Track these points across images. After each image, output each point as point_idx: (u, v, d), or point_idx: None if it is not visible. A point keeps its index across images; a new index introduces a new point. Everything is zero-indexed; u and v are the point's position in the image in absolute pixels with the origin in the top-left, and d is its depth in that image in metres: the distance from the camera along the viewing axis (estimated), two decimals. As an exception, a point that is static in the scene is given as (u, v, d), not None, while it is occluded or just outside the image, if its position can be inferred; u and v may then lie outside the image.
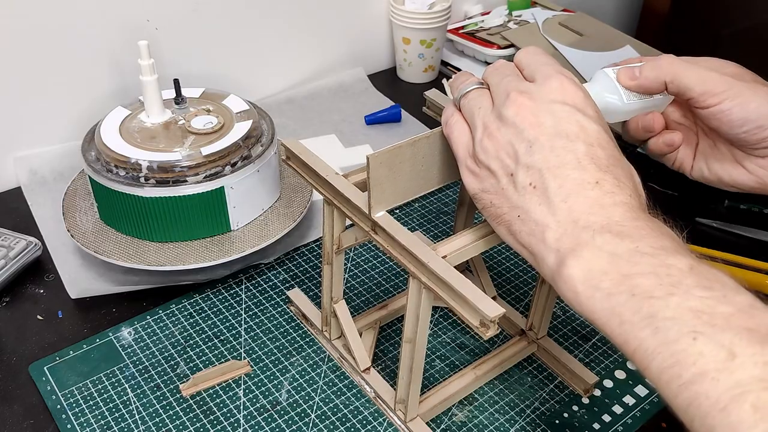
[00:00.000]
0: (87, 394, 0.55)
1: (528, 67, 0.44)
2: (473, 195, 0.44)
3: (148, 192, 0.60)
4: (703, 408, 0.31)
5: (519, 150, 0.40)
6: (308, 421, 0.53)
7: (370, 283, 0.67)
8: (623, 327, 0.35)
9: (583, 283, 0.37)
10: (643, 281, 0.35)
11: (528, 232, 0.40)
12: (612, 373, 0.58)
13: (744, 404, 0.30)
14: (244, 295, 0.64)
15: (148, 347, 0.59)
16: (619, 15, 1.35)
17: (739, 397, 0.30)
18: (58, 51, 0.75)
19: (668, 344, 0.33)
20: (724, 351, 0.31)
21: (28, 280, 0.65)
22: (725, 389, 0.30)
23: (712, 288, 0.34)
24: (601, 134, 0.41)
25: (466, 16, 1.10)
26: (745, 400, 0.30)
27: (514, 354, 0.58)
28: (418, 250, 0.43)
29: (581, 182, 0.39)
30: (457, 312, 0.42)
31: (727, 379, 0.30)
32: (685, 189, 0.78)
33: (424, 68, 0.99)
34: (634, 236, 0.37)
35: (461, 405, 0.55)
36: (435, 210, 0.76)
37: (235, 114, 0.67)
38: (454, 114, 0.45)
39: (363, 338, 0.58)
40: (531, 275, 0.68)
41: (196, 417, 0.53)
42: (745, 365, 0.30)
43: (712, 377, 0.31)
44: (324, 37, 0.96)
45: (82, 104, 0.79)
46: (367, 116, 0.89)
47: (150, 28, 0.80)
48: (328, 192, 0.50)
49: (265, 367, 0.58)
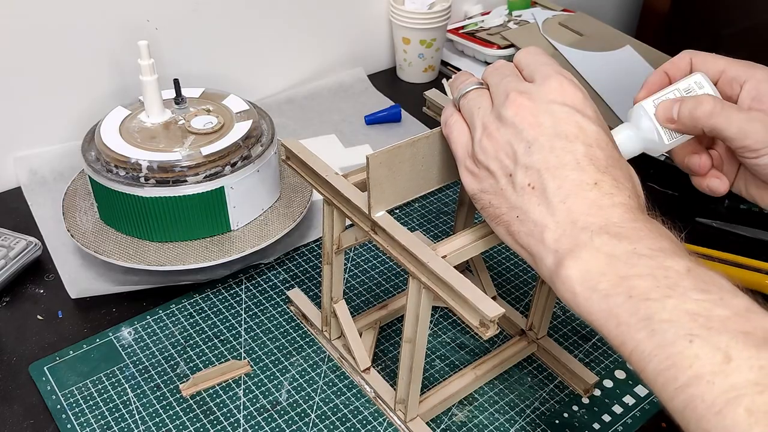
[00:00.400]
0: (87, 394, 0.55)
1: (527, 68, 0.44)
2: (472, 195, 0.44)
3: (148, 192, 0.60)
4: (698, 411, 0.31)
5: (518, 150, 0.40)
6: (308, 421, 0.53)
7: (370, 283, 0.67)
8: (620, 329, 0.35)
9: (581, 284, 0.37)
10: (640, 283, 0.35)
11: (527, 232, 0.40)
12: (612, 373, 0.58)
13: (738, 408, 0.30)
14: (244, 295, 0.64)
15: (148, 347, 0.59)
16: (619, 15, 1.35)
17: (734, 401, 0.30)
18: (58, 51, 0.75)
19: (664, 347, 0.33)
20: (719, 354, 0.31)
21: (28, 280, 0.65)
22: (720, 392, 0.30)
23: (709, 291, 0.34)
24: (600, 135, 0.41)
25: (466, 16, 1.10)
26: (740, 404, 0.30)
27: (514, 354, 0.58)
28: (417, 250, 0.43)
29: (580, 183, 0.39)
30: (456, 312, 0.42)
31: (723, 383, 0.31)
32: (685, 189, 0.78)
33: (424, 68, 0.99)
34: (632, 238, 0.37)
35: (461, 405, 0.55)
36: (435, 210, 0.76)
37: (235, 114, 0.68)
38: (453, 114, 0.45)
39: (363, 338, 0.58)
40: (531, 275, 0.68)
41: (196, 417, 0.53)
42: (741, 369, 0.31)
43: (708, 380, 0.31)
44: (324, 37, 0.96)
45: (82, 104, 0.79)
46: (367, 116, 0.89)
47: (150, 28, 0.80)
48: (328, 192, 0.50)
49: (265, 367, 0.58)
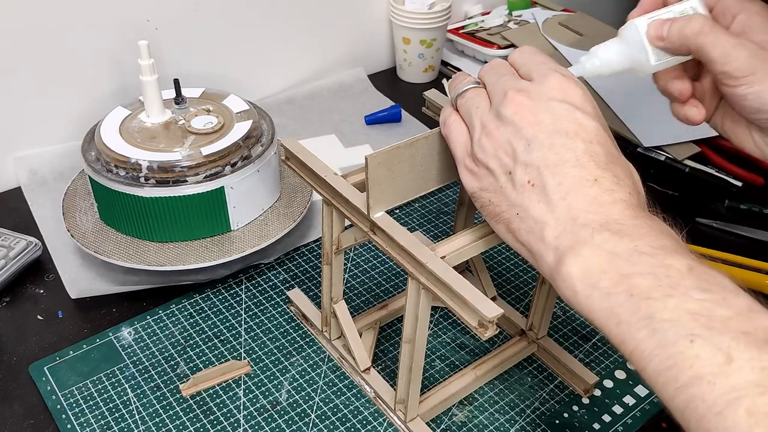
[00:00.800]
0: (87, 394, 0.55)
1: (524, 66, 0.44)
2: (472, 194, 0.44)
3: (148, 192, 0.60)
4: (699, 411, 0.31)
5: (517, 148, 0.40)
6: (308, 421, 0.53)
7: (370, 283, 0.67)
8: (620, 327, 0.35)
9: (582, 282, 0.37)
10: (641, 281, 0.35)
11: (527, 229, 0.40)
12: (612, 373, 0.58)
13: (739, 409, 0.30)
14: (244, 295, 0.64)
15: (148, 347, 0.59)
16: (619, 15, 1.34)
17: (734, 402, 0.30)
18: (58, 51, 0.75)
19: (665, 346, 0.33)
20: (721, 354, 0.31)
21: (28, 280, 0.65)
22: (721, 393, 0.30)
23: (710, 290, 0.34)
24: (599, 132, 0.41)
25: (466, 16, 1.10)
26: (741, 405, 0.30)
27: (514, 354, 0.58)
28: (416, 251, 0.43)
29: (580, 180, 0.39)
30: (455, 313, 0.42)
31: (724, 383, 0.30)
32: (685, 189, 0.78)
33: (424, 68, 0.99)
34: (633, 235, 0.37)
35: (461, 405, 0.55)
36: (435, 210, 0.76)
37: (235, 114, 0.68)
38: (451, 114, 0.45)
39: (363, 338, 0.58)
40: (531, 275, 0.68)
41: (196, 417, 0.53)
42: (742, 369, 0.30)
43: (709, 381, 0.31)
44: (324, 37, 0.96)
45: (82, 104, 0.79)
46: (367, 116, 0.89)
47: (150, 28, 0.80)
48: (327, 192, 0.50)
49: (265, 367, 0.58)
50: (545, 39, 0.98)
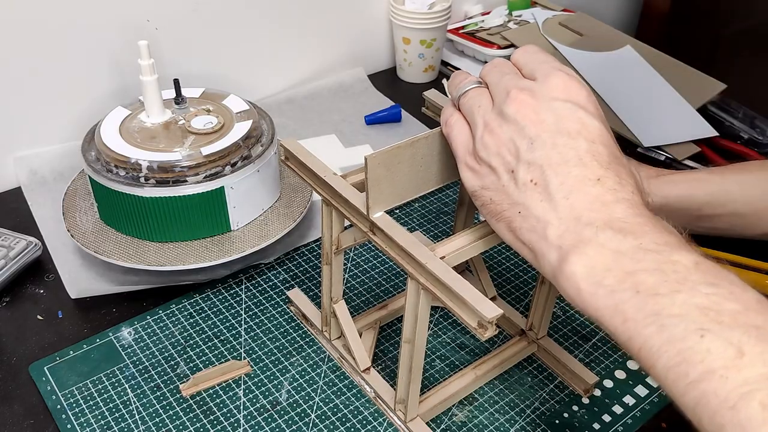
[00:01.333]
0: (87, 394, 0.55)
1: (527, 66, 0.44)
2: (472, 192, 0.44)
3: (148, 192, 0.60)
4: (711, 406, 0.31)
5: (520, 147, 0.40)
6: (308, 421, 0.53)
7: (370, 283, 0.66)
8: (627, 325, 0.35)
9: (586, 280, 0.36)
10: (647, 278, 0.35)
11: (529, 228, 0.40)
12: (612, 373, 0.58)
13: (753, 402, 0.30)
14: (244, 295, 0.64)
15: (148, 347, 0.59)
16: (619, 15, 1.34)
17: (747, 395, 0.30)
18: (58, 51, 0.75)
19: (674, 342, 0.33)
20: (732, 348, 0.31)
21: (28, 280, 0.65)
22: (734, 387, 0.30)
23: (718, 285, 0.34)
24: (602, 131, 0.41)
25: (466, 16, 1.10)
26: (754, 398, 0.30)
27: (514, 354, 0.58)
28: (416, 251, 0.43)
29: (583, 179, 0.39)
30: (455, 313, 0.42)
31: (736, 377, 0.30)
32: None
33: (424, 68, 0.99)
34: (637, 233, 0.37)
35: (461, 405, 0.55)
36: (435, 210, 0.76)
37: (235, 114, 0.68)
38: (453, 113, 0.45)
39: (363, 338, 0.58)
40: (531, 275, 0.68)
41: (196, 417, 0.53)
42: (754, 363, 0.30)
43: (721, 375, 0.31)
44: (324, 37, 0.96)
45: (82, 104, 0.79)
46: (367, 116, 0.89)
47: (150, 28, 0.80)
48: (327, 192, 0.50)
49: (265, 367, 0.58)
50: (545, 39, 0.98)
